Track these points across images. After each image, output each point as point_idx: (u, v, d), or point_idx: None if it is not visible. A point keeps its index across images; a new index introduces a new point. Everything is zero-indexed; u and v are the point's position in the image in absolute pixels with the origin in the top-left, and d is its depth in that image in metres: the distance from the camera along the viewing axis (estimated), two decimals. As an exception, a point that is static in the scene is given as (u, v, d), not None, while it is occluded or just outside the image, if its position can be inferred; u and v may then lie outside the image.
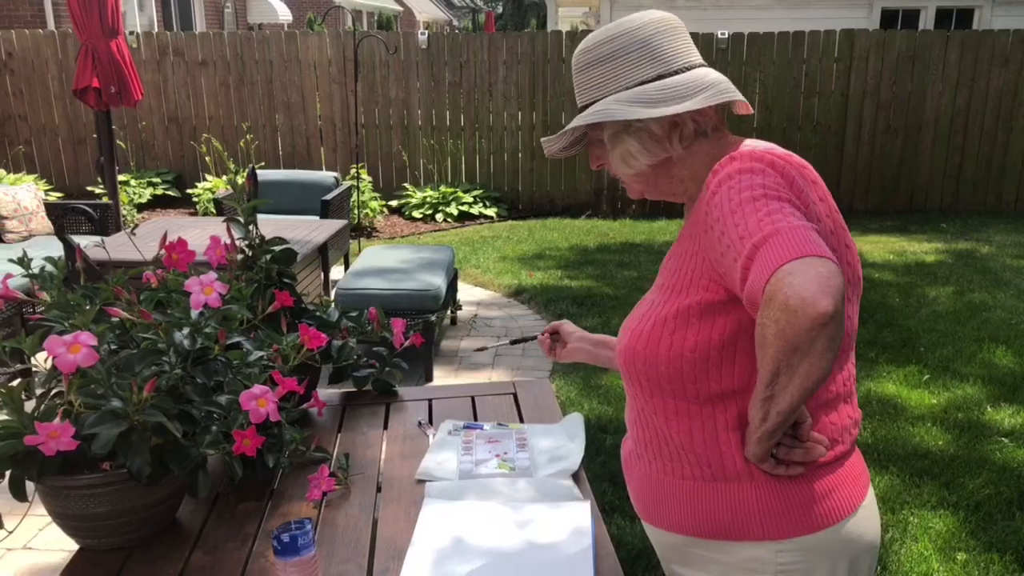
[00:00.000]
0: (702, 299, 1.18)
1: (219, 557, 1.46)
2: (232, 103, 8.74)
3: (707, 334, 1.18)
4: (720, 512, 1.22)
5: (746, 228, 1.05)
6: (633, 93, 1.20)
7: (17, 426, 1.36)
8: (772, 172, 1.12)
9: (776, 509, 1.19)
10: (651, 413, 1.28)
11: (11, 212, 5.70)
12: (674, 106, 1.18)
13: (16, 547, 2.93)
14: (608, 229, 8.00)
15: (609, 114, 1.20)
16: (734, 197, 1.09)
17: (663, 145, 1.22)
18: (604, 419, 3.85)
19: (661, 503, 1.29)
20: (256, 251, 1.97)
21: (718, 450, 1.21)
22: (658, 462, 1.29)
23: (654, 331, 1.22)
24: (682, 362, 1.19)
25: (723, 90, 1.19)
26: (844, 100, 8.49)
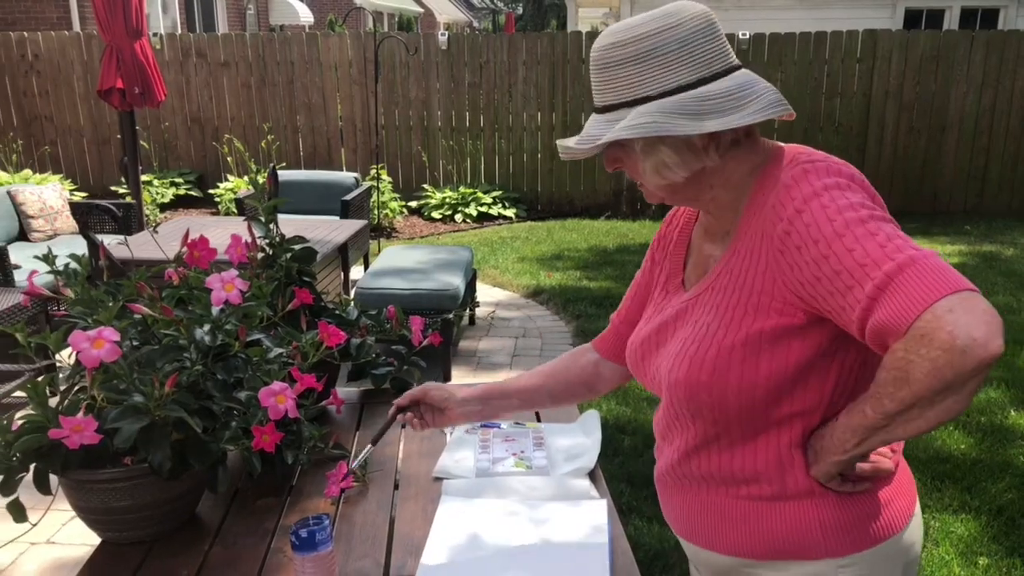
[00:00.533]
0: (776, 324, 1.10)
1: (238, 552, 1.48)
2: (254, 104, 8.81)
3: (782, 361, 1.10)
4: (780, 531, 1.16)
5: (866, 254, 0.97)
6: (677, 102, 1.08)
7: (42, 420, 1.38)
8: (856, 186, 1.06)
9: (838, 525, 1.15)
10: (709, 439, 1.21)
11: (37, 211, 5.77)
12: (724, 118, 1.08)
13: (40, 541, 2.97)
14: (627, 230, 7.98)
15: (658, 128, 1.07)
16: (835, 218, 1.01)
17: (700, 157, 1.12)
18: (622, 420, 3.85)
19: (712, 524, 1.23)
20: (276, 250, 1.99)
21: (780, 469, 1.16)
22: (710, 484, 1.23)
23: (719, 360, 1.13)
24: (755, 391, 1.12)
25: (772, 102, 1.09)
26: (866, 101, 8.42)
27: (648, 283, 1.42)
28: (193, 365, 1.50)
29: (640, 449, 3.54)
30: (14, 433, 1.39)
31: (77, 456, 1.40)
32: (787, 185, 1.08)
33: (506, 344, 4.99)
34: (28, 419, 1.40)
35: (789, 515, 1.16)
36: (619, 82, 1.13)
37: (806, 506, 1.15)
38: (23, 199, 5.75)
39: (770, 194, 1.10)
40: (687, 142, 1.11)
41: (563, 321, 5.41)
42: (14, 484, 1.40)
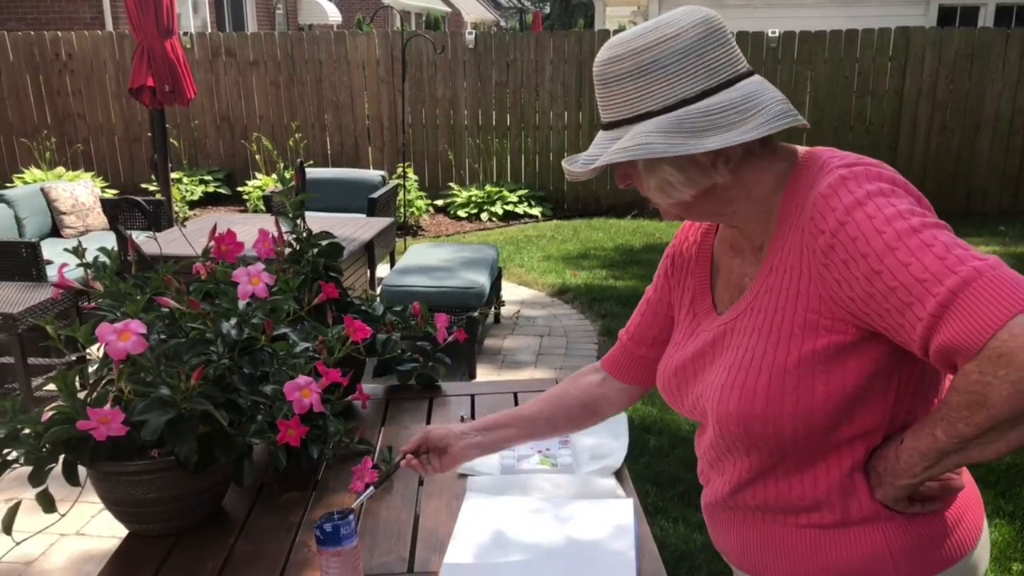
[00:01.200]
0: (828, 343, 1.02)
1: (263, 546, 1.48)
2: (282, 102, 8.87)
3: (839, 381, 1.03)
4: (847, 560, 1.09)
5: (924, 269, 0.90)
6: (675, 119, 1.02)
7: (71, 412, 1.39)
8: (900, 190, 0.99)
9: (909, 550, 1.07)
10: (764, 468, 1.13)
11: (69, 208, 5.85)
12: (723, 135, 1.01)
13: (69, 533, 3.01)
14: (654, 229, 7.94)
15: (651, 151, 1.02)
16: (884, 229, 0.94)
17: (707, 173, 1.06)
18: (648, 420, 3.82)
19: (773, 556, 1.15)
20: (303, 245, 1.99)
21: (843, 494, 1.08)
22: (767, 513, 1.15)
23: (772, 388, 1.05)
24: (811, 417, 1.04)
25: (777, 114, 1.02)
26: (898, 99, 8.30)
27: (662, 300, 1.35)
28: (219, 359, 1.50)
29: (666, 449, 3.51)
30: (44, 424, 1.41)
31: (105, 448, 1.41)
32: (824, 195, 1.00)
33: (531, 343, 4.98)
34: (57, 410, 1.41)
35: (856, 542, 1.08)
36: (621, 98, 1.06)
37: (873, 532, 1.08)
38: (56, 196, 5.84)
39: (805, 204, 1.03)
40: (691, 159, 1.04)
41: (588, 320, 5.38)
42: (44, 475, 1.42)
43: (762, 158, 1.08)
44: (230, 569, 1.41)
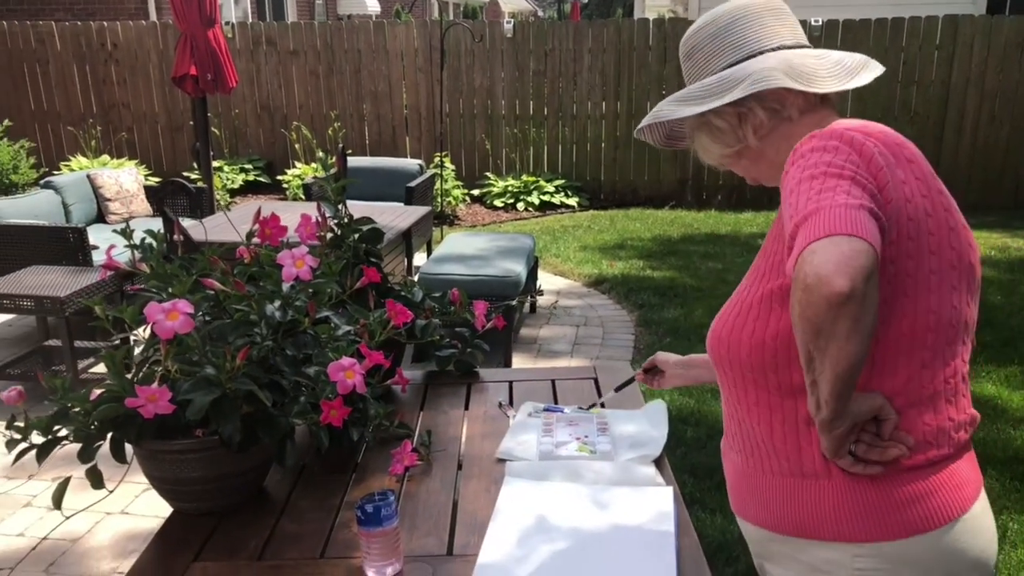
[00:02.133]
0: (783, 283, 1.13)
1: (305, 526, 1.50)
2: (321, 92, 8.93)
3: (788, 320, 1.11)
4: (797, 509, 1.16)
5: (796, 207, 1.01)
6: (685, 92, 1.23)
7: (118, 390, 1.42)
8: (846, 149, 1.06)
9: (853, 510, 1.12)
10: (736, 402, 1.25)
11: (114, 195, 5.96)
12: (708, 103, 1.19)
13: (114, 511, 3.07)
14: (692, 220, 7.87)
15: (657, 115, 1.25)
16: (796, 175, 1.06)
17: (735, 135, 1.23)
18: (685, 411, 3.79)
19: (747, 496, 1.25)
20: (344, 230, 2.00)
21: (797, 444, 1.16)
22: (743, 454, 1.26)
23: (739, 317, 1.19)
24: (763, 350, 1.15)
25: (759, 79, 1.15)
26: (945, 89, 8.12)
27: None
28: (263, 340, 1.52)
29: (703, 440, 3.49)
30: (92, 402, 1.44)
31: (151, 426, 1.44)
32: (794, 151, 1.12)
33: (567, 332, 4.97)
34: (106, 389, 1.43)
35: (806, 493, 1.15)
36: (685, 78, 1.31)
37: (823, 486, 1.14)
38: (101, 182, 5.94)
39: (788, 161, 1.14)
40: (710, 126, 1.24)
41: (625, 310, 5.36)
42: (92, 452, 1.44)
43: (799, 125, 1.20)
44: (272, 548, 1.43)
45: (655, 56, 8.36)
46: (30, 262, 4.58)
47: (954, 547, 1.12)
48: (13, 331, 5.06)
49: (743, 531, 1.32)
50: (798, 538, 1.16)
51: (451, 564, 1.37)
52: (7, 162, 7.71)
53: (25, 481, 3.30)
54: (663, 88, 8.39)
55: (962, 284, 1.13)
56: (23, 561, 2.80)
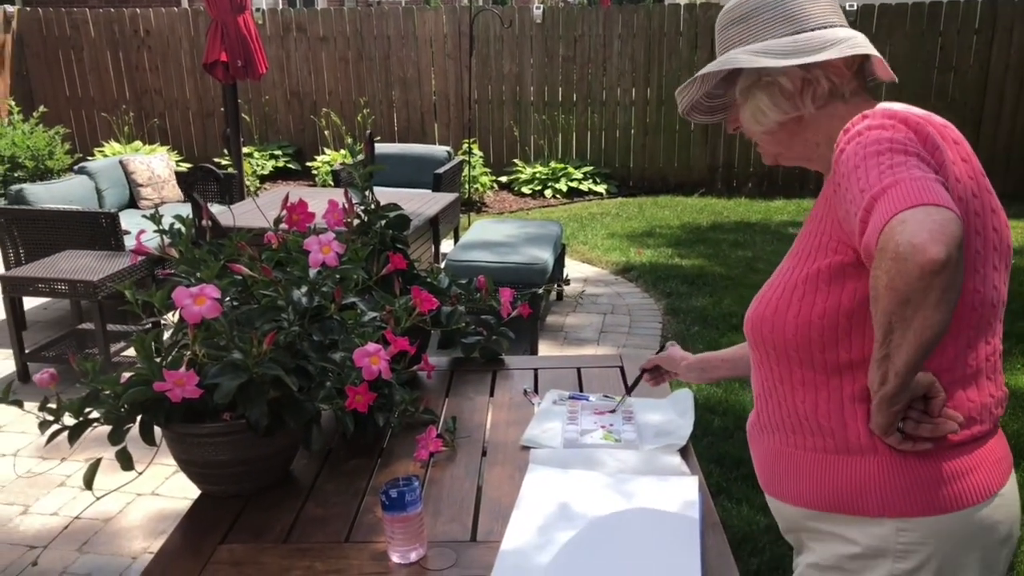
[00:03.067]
0: (831, 262, 1.13)
1: (330, 510, 1.51)
2: (351, 78, 8.95)
3: (836, 299, 1.13)
4: (841, 485, 1.16)
5: (867, 181, 1.00)
6: (762, 46, 1.18)
7: (147, 374, 1.44)
8: (904, 127, 1.07)
9: (899, 486, 1.13)
10: (776, 381, 1.24)
11: (146, 180, 6.03)
12: (803, 58, 1.15)
13: (145, 493, 3.12)
14: (722, 208, 7.79)
15: (734, 61, 1.18)
16: (859, 152, 1.04)
17: (794, 102, 1.20)
18: (712, 400, 3.77)
19: (783, 474, 1.25)
20: (371, 216, 2.01)
21: (842, 421, 1.16)
22: (781, 433, 1.25)
23: (783, 297, 1.18)
24: (810, 329, 1.15)
25: (856, 44, 1.15)
26: (983, 75, 7.95)
27: None
28: (290, 326, 1.53)
29: (730, 430, 3.46)
30: (122, 386, 1.45)
31: (179, 410, 1.45)
32: (846, 130, 1.11)
33: (593, 320, 4.96)
34: (135, 372, 1.45)
35: (851, 469, 1.16)
36: (726, 41, 1.25)
37: (868, 462, 1.14)
38: (133, 168, 6.02)
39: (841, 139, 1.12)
40: (779, 86, 1.19)
41: (653, 299, 5.33)
42: (122, 434, 1.47)
43: (848, 106, 1.19)
44: (298, 531, 1.44)
45: (686, 42, 8.27)
46: (64, 247, 4.65)
47: (990, 521, 1.15)
48: (48, 314, 5.15)
49: (776, 511, 1.31)
50: (841, 514, 1.17)
51: (475, 550, 1.37)
52: (43, 148, 7.82)
53: (59, 463, 3.37)
54: (693, 74, 8.29)
55: (1001, 264, 1.16)
56: (56, 539, 2.85)
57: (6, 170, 7.55)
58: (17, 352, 4.09)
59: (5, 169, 7.54)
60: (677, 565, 1.29)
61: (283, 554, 1.38)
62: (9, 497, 3.13)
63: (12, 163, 7.61)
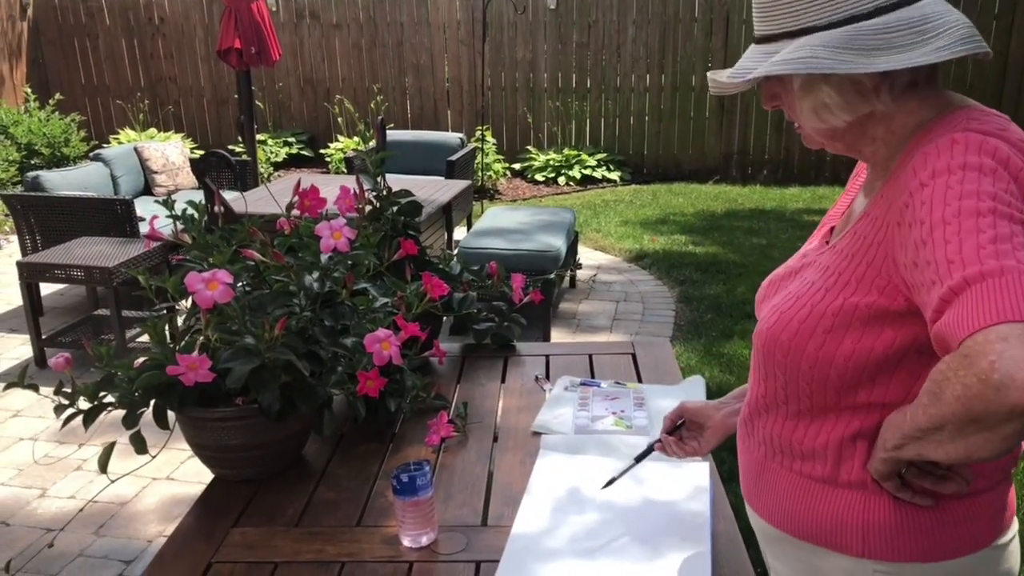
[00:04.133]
0: (875, 302, 0.98)
1: (342, 494, 1.52)
2: (364, 65, 8.94)
3: (869, 344, 1.00)
4: (822, 516, 1.08)
5: (959, 250, 0.85)
6: (845, 35, 0.95)
7: (160, 358, 1.45)
8: (1005, 175, 0.90)
9: (884, 528, 1.04)
10: (777, 400, 1.12)
11: (160, 167, 6.06)
12: (900, 55, 0.94)
13: (160, 477, 3.15)
14: (737, 195, 7.75)
15: (818, 65, 0.95)
16: (951, 202, 0.88)
17: (868, 100, 1.00)
18: (726, 388, 3.76)
19: (762, 489, 1.17)
20: (383, 202, 2.01)
21: (839, 455, 1.07)
22: (767, 448, 1.16)
23: (806, 324, 1.04)
24: (830, 368, 1.02)
25: (963, 37, 0.94)
26: (1003, 63, 7.85)
27: None
28: (302, 311, 1.53)
29: (743, 418, 3.46)
30: (136, 370, 1.47)
31: (192, 394, 1.46)
32: (926, 152, 0.94)
33: (606, 307, 4.95)
34: (149, 357, 1.46)
35: (835, 502, 1.07)
36: (781, 10, 1.00)
37: (855, 497, 1.06)
38: (148, 155, 6.04)
39: (913, 160, 0.96)
40: (854, 82, 0.98)
41: (666, 286, 5.31)
42: (136, 418, 1.48)
43: (920, 96, 1.02)
44: (310, 515, 1.45)
45: (701, 28, 8.21)
46: (80, 233, 4.68)
47: (979, 572, 1.07)
48: (65, 300, 5.19)
49: (750, 517, 1.24)
50: (817, 545, 1.09)
51: (485, 534, 1.38)
52: (59, 135, 7.87)
53: (77, 448, 3.40)
54: (708, 61, 8.24)
55: None
56: (73, 522, 2.89)
57: (23, 157, 7.60)
58: (34, 337, 4.13)
59: (22, 156, 7.60)
60: (688, 551, 1.29)
61: (295, 537, 1.39)
62: (27, 480, 3.17)
63: (29, 150, 7.67)
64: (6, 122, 7.74)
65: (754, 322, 1.22)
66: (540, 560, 1.28)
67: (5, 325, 4.77)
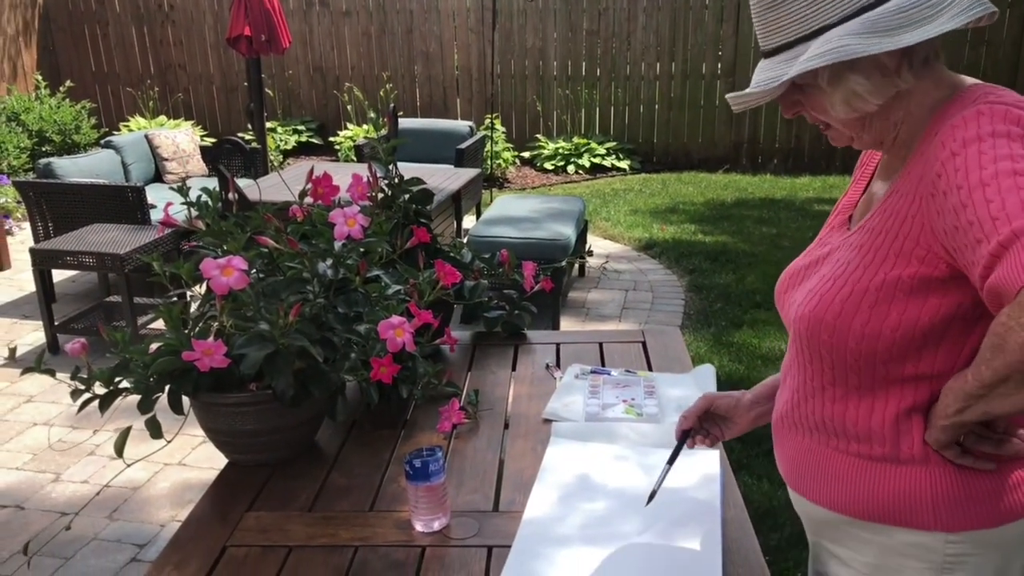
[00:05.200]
0: (916, 272, 1.01)
1: (355, 480, 1.53)
2: (373, 53, 8.93)
3: (915, 313, 1.02)
4: (888, 495, 1.09)
5: (1003, 207, 0.87)
6: (867, 21, 0.99)
7: (175, 344, 1.46)
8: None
9: (953, 499, 1.06)
10: (824, 384, 1.14)
11: (171, 154, 6.08)
12: (920, 28, 0.97)
13: (172, 463, 3.18)
14: (747, 184, 7.73)
15: (850, 51, 0.97)
16: (987, 166, 0.91)
17: (892, 79, 1.03)
18: (735, 377, 3.76)
19: (818, 477, 1.16)
20: (395, 190, 2.02)
21: (896, 430, 1.08)
22: (820, 435, 1.16)
23: (849, 302, 1.06)
24: (878, 341, 1.04)
25: (971, 3, 0.98)
26: (1016, 51, 7.79)
27: None
28: (315, 297, 1.54)
29: (752, 407, 3.46)
30: (151, 355, 1.48)
31: (207, 379, 1.47)
32: (954, 125, 0.97)
33: (616, 296, 4.95)
34: (164, 342, 1.48)
35: (900, 479, 1.08)
36: (790, 18, 1.04)
37: (920, 473, 1.07)
38: (159, 142, 6.06)
39: (939, 133, 0.99)
40: (878, 65, 1.02)
41: (676, 275, 5.31)
42: (151, 403, 1.49)
43: (933, 73, 1.06)
44: (323, 500, 1.47)
45: (712, 15, 8.17)
46: (91, 220, 4.71)
47: None
48: (76, 287, 5.22)
49: (803, 509, 1.23)
50: (884, 524, 1.10)
51: (497, 519, 1.39)
52: (69, 122, 7.90)
53: (92, 434, 3.43)
54: (719, 48, 8.20)
55: None
56: (87, 506, 2.92)
57: (34, 144, 7.64)
58: (47, 324, 4.16)
59: (33, 143, 7.63)
60: (698, 538, 1.30)
61: (308, 522, 1.40)
62: (41, 465, 3.20)
63: (40, 137, 7.70)
64: (17, 109, 7.77)
65: (764, 311, 1.24)
66: (551, 545, 1.29)
67: (18, 311, 4.81)
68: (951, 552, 1.07)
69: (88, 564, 2.64)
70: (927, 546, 1.08)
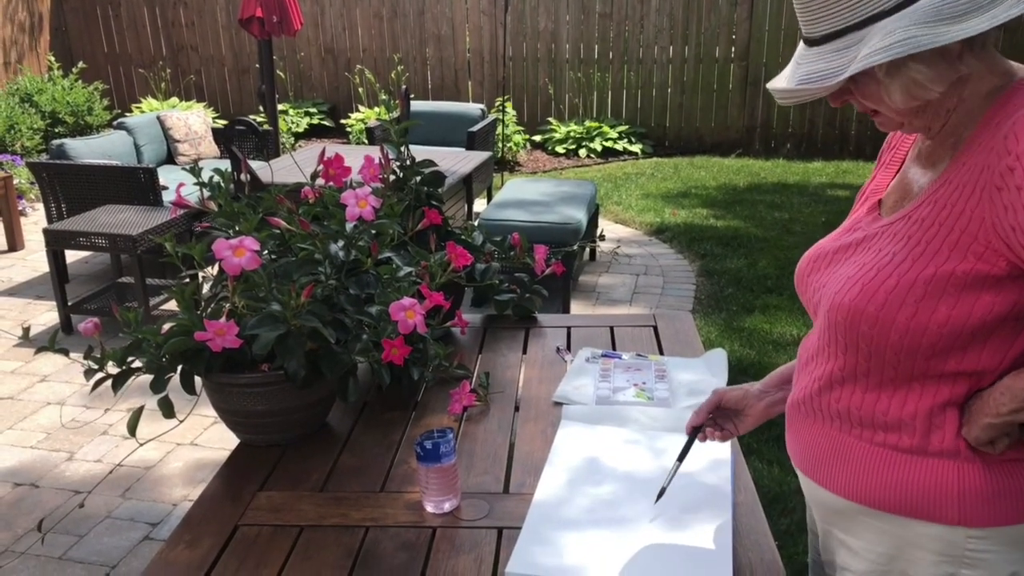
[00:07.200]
0: (972, 268, 0.98)
1: (366, 460, 1.54)
2: (385, 35, 8.90)
3: (966, 310, 0.99)
4: (912, 486, 1.06)
5: None
6: (930, 8, 0.94)
7: (188, 324, 1.46)
8: None
9: (980, 494, 1.04)
10: (857, 373, 1.10)
11: (183, 136, 6.08)
12: (989, 13, 0.93)
13: (184, 443, 3.20)
14: (760, 169, 7.68)
15: (918, 43, 0.93)
16: None
17: (954, 65, 0.99)
18: (745, 362, 3.76)
19: (837, 465, 1.14)
20: (407, 172, 2.01)
21: (929, 424, 1.05)
22: (842, 422, 1.13)
23: (895, 294, 1.02)
24: (923, 336, 1.01)
25: None
26: (1035, 33, 7.69)
27: None
28: (327, 279, 1.55)
29: (762, 392, 3.45)
30: (164, 336, 1.49)
31: (219, 360, 1.48)
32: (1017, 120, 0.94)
33: (627, 281, 4.94)
34: (176, 323, 1.48)
35: (926, 472, 1.06)
36: (840, 4, 0.99)
37: (948, 466, 1.05)
38: (171, 124, 6.07)
39: (1004, 124, 0.95)
40: (941, 51, 0.97)
41: (687, 260, 5.29)
42: (163, 383, 1.50)
43: (991, 62, 1.02)
44: (334, 480, 1.48)
45: (726, -2, 8.10)
46: (104, 201, 4.72)
47: None
48: (89, 268, 5.25)
49: (816, 497, 1.21)
50: (905, 516, 1.08)
51: (507, 501, 1.39)
52: (82, 104, 7.92)
53: (103, 413, 3.46)
54: (733, 32, 8.13)
55: None
56: (100, 485, 2.95)
57: (47, 125, 7.66)
58: (60, 304, 4.18)
59: (46, 124, 7.65)
60: (708, 522, 1.30)
61: (319, 502, 1.41)
62: (54, 444, 3.23)
63: (53, 118, 7.72)
64: (30, 90, 7.80)
65: (776, 296, 1.22)
66: (561, 528, 1.30)
67: (32, 292, 4.84)
68: (971, 547, 1.05)
69: (102, 542, 2.67)
70: (947, 540, 1.06)
